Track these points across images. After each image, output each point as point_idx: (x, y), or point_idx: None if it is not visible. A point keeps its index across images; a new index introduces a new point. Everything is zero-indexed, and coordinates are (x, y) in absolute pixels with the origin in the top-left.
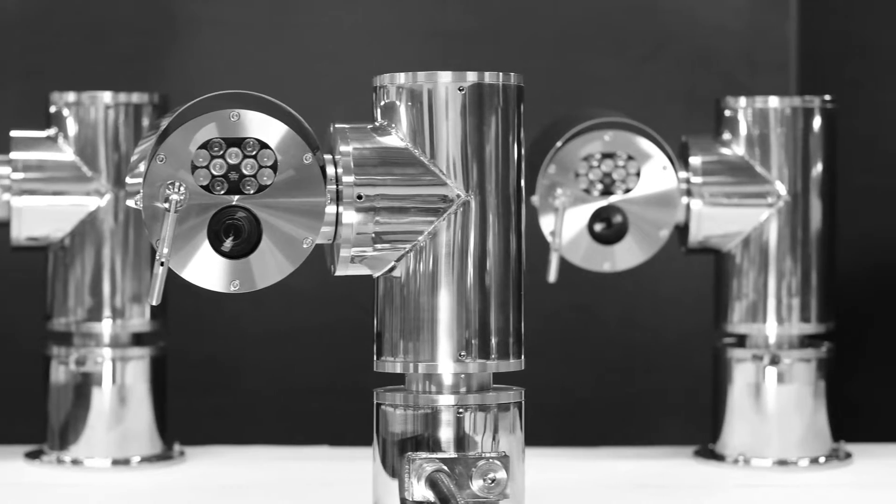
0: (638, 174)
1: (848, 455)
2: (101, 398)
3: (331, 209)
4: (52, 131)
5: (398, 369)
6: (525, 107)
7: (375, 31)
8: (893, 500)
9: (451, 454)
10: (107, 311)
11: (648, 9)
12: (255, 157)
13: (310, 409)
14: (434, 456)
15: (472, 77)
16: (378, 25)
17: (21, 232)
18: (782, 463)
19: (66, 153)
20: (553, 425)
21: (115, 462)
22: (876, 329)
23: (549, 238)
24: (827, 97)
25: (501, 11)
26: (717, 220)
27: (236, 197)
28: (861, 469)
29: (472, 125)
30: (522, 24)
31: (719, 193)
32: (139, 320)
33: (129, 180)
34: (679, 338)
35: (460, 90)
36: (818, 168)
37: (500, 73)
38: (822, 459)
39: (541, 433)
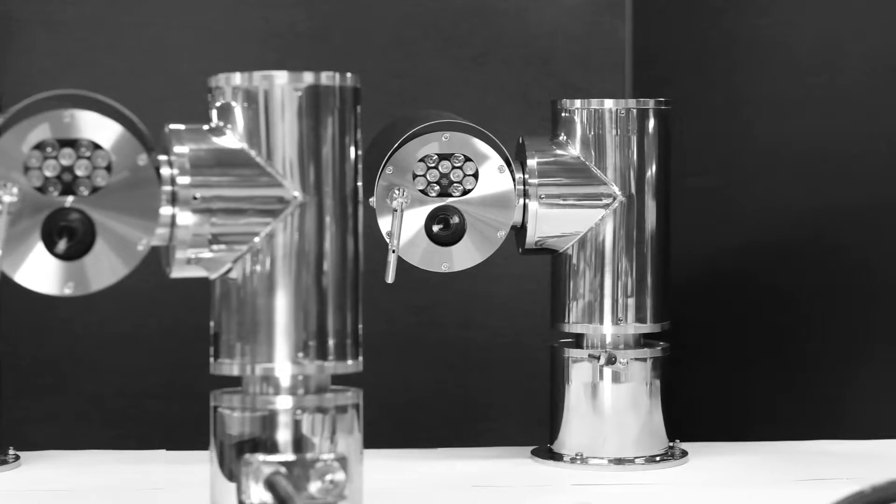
0: (475, 175)
1: (684, 453)
2: None
3: (166, 211)
4: None
5: (235, 371)
6: (362, 108)
7: (212, 31)
8: (728, 497)
9: (289, 456)
10: None
11: (484, 10)
12: (88, 158)
13: (146, 412)
14: (272, 458)
15: (308, 78)
16: (214, 25)
17: None
18: (619, 461)
19: None
20: (392, 426)
21: None
22: (710, 328)
23: (387, 239)
24: (661, 99)
25: (337, 12)
26: (553, 221)
27: (70, 198)
28: (697, 467)
29: (309, 126)
30: (358, 25)
31: (556, 195)
32: None
33: None
34: (517, 338)
35: (296, 91)
36: (653, 169)
37: (337, 74)
38: (658, 458)
39: (379, 434)
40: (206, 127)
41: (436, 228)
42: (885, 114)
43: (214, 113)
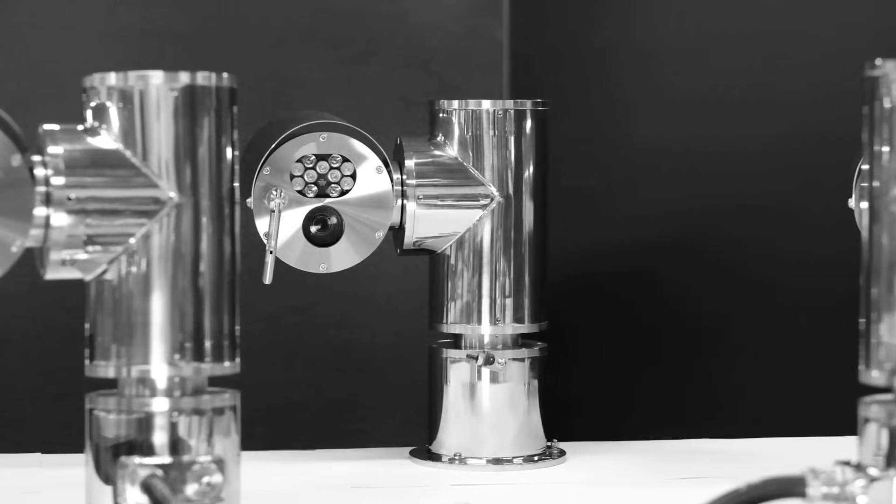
0: (353, 176)
1: (562, 453)
2: None
3: (40, 212)
4: None
5: (111, 373)
6: (240, 108)
7: (87, 31)
8: (607, 496)
9: (166, 459)
10: None
11: (363, 11)
12: None
13: (20, 415)
14: (148, 461)
15: (184, 78)
16: (90, 24)
17: None
18: (497, 461)
19: None
20: (270, 428)
21: None
22: (587, 328)
23: (264, 240)
24: (538, 100)
25: (215, 12)
26: (431, 222)
27: None
28: (575, 466)
29: (185, 127)
30: (236, 26)
31: (433, 195)
32: None
33: None
34: (395, 339)
35: (172, 91)
36: (530, 170)
37: (213, 74)
38: (536, 458)
39: (257, 436)
40: (80, 127)
41: (313, 229)
42: (755, 116)
43: (89, 113)
